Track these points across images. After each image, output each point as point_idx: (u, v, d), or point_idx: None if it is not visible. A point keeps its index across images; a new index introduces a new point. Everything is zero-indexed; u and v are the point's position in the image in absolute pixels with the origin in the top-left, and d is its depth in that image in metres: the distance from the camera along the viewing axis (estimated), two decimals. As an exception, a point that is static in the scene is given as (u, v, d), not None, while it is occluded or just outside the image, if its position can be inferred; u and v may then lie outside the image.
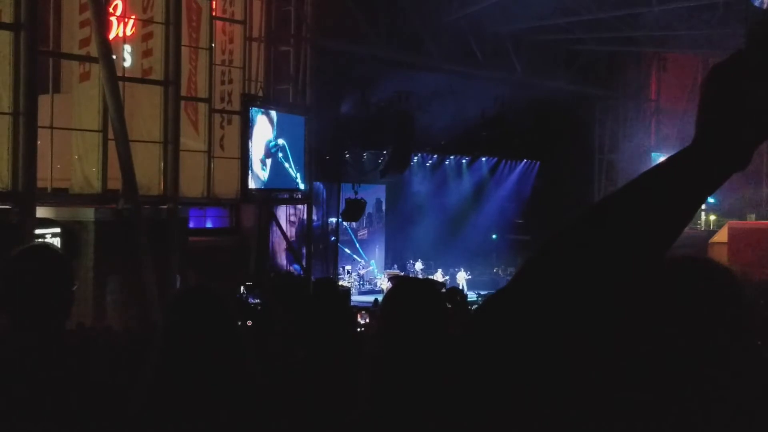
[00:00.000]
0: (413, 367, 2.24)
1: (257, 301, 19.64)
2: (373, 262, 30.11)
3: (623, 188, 1.13)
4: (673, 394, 1.27)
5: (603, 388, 1.38)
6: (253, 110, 20.89)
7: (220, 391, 2.29)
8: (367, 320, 15.65)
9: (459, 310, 4.61)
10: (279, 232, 23.23)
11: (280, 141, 21.91)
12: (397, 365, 2.28)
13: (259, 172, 21.38)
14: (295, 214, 24.06)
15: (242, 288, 20.48)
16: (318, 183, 26.07)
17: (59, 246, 15.59)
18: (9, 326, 2.53)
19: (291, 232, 23.94)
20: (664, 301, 1.28)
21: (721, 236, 28.43)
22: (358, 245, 29.86)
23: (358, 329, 11.87)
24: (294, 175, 22.65)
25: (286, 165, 22.29)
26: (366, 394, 2.29)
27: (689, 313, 1.27)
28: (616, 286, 1.11)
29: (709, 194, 1.10)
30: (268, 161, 21.62)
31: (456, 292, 5.01)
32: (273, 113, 21.66)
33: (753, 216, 29.12)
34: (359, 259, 29.75)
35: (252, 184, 21.06)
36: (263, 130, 21.41)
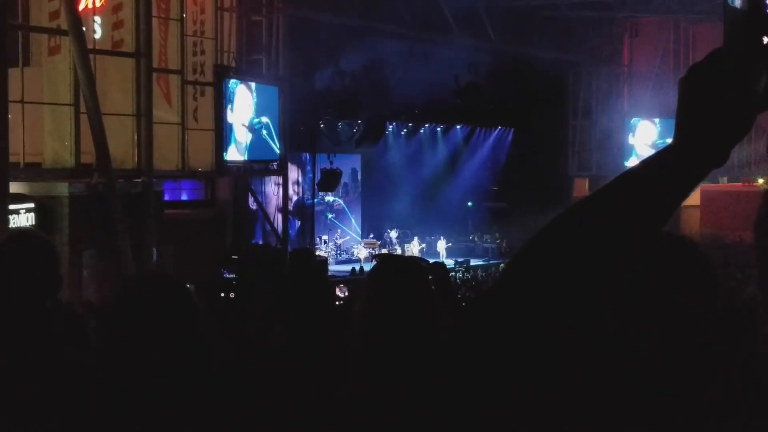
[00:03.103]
0: (398, 356, 2.19)
1: (232, 276, 19.60)
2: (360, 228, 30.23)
3: (604, 187, 1.14)
4: (666, 389, 1.29)
5: (598, 387, 1.40)
6: (232, 81, 20.70)
7: (177, 378, 2.18)
8: (346, 293, 15.66)
9: (441, 284, 4.63)
10: (257, 205, 23.20)
11: (264, 119, 21.71)
12: (381, 352, 2.23)
13: (242, 140, 21.17)
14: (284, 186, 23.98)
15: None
16: (306, 154, 25.98)
17: (34, 222, 15.50)
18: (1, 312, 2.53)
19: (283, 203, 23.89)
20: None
21: (694, 199, 28.68)
22: (350, 215, 29.92)
23: (337, 302, 11.90)
24: (277, 151, 22.49)
25: (270, 142, 22.11)
26: (352, 375, 2.25)
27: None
28: (600, 281, 1.12)
29: (690, 191, 1.12)
30: (250, 135, 21.43)
31: (438, 267, 5.03)
32: (252, 84, 21.49)
33: (725, 179, 29.39)
34: (351, 232, 29.82)
35: (236, 154, 20.88)
36: (244, 98, 21.21)
